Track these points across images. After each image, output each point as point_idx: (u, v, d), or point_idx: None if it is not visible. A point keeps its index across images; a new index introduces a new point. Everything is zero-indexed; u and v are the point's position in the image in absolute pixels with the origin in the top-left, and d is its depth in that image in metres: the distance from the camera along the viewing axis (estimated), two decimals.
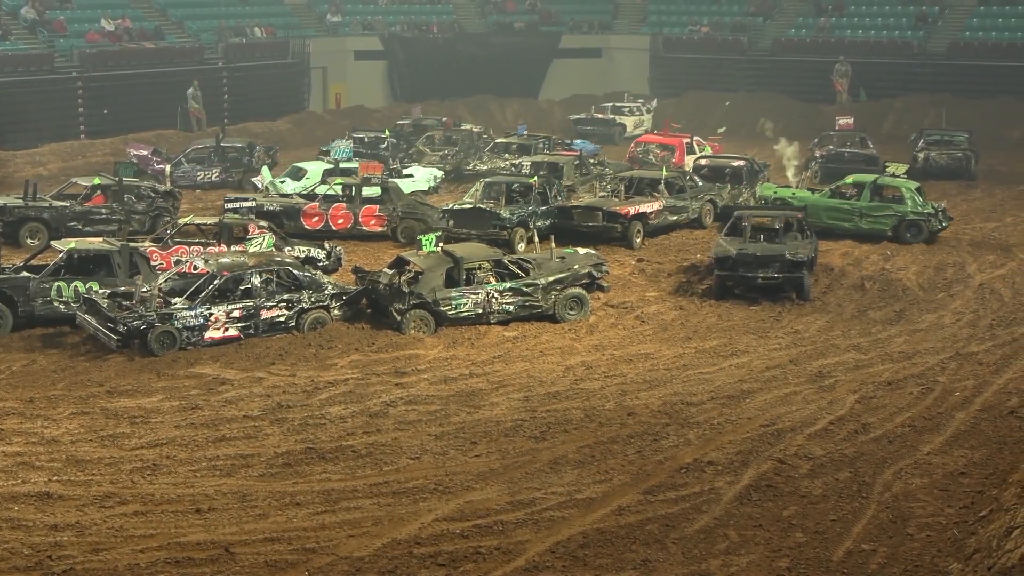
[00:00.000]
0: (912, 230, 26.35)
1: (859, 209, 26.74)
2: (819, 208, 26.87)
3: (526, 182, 27.13)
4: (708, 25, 52.05)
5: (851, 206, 26.82)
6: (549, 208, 26.38)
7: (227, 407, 16.25)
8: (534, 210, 26.03)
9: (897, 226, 26.45)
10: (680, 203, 27.91)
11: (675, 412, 16.02)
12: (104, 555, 11.87)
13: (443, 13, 53.79)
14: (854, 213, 26.73)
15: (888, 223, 26.54)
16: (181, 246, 22.31)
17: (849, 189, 27.46)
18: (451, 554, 11.97)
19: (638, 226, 26.56)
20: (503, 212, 25.60)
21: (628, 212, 26.39)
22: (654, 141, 34.88)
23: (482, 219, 25.48)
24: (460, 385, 17.24)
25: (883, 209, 26.67)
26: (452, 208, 26.38)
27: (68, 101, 39.57)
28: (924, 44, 47.94)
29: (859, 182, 27.41)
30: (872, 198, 26.84)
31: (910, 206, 26.49)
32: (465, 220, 25.59)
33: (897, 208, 26.55)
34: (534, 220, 25.58)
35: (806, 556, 12.00)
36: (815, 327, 20.47)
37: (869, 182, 27.13)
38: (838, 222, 26.86)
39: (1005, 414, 15.89)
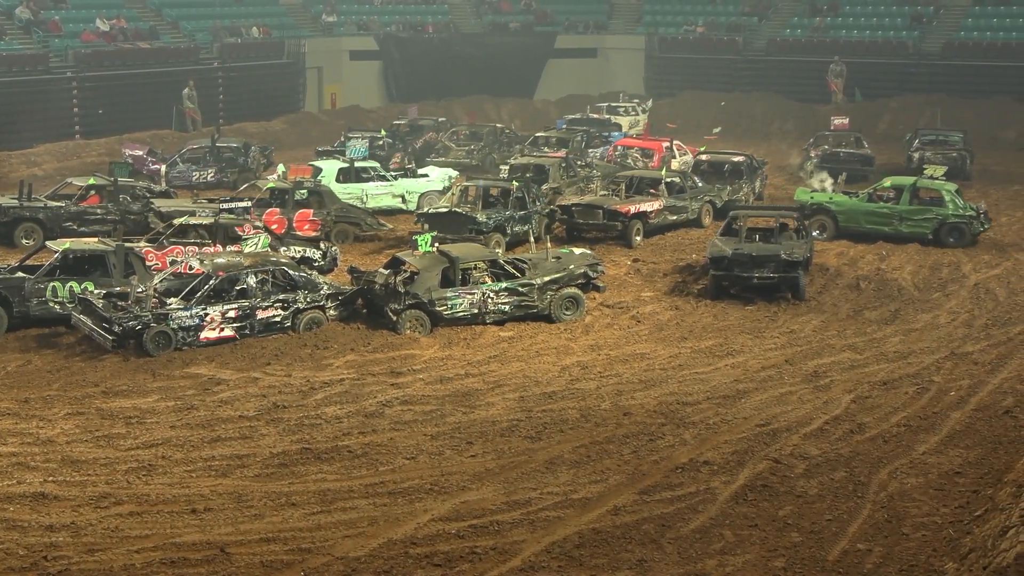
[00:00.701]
0: (954, 234, 25.88)
1: (899, 213, 26.20)
2: (858, 212, 26.52)
3: (504, 186, 26.62)
4: (703, 25, 52.07)
5: (890, 210, 26.30)
6: (528, 213, 25.89)
7: (223, 407, 16.24)
8: (511, 215, 25.57)
9: (938, 229, 25.96)
10: (680, 203, 27.99)
11: (671, 412, 16.03)
12: (100, 556, 11.86)
13: (438, 13, 53.79)
14: (894, 217, 26.21)
15: (929, 226, 26.04)
16: (176, 246, 22.28)
17: (887, 192, 26.96)
18: (447, 554, 11.97)
19: (638, 225, 26.75)
20: (479, 216, 25.09)
21: (628, 211, 26.59)
22: (634, 145, 34.50)
23: (458, 223, 24.84)
24: (456, 385, 17.24)
25: (923, 212, 26.15)
26: (428, 212, 25.92)
27: (63, 101, 39.51)
28: (919, 44, 47.97)
29: (897, 185, 26.91)
30: (911, 201, 26.33)
31: (951, 208, 26.02)
32: (441, 224, 24.76)
33: (938, 211, 26.09)
34: (511, 225, 25.30)
35: (802, 556, 12.01)
36: (811, 327, 20.49)
37: (908, 185, 26.65)
38: (877, 226, 26.38)
39: (1000, 414, 15.91)
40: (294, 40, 47.72)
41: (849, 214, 26.52)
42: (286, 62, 47.12)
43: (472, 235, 24.28)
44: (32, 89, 38.36)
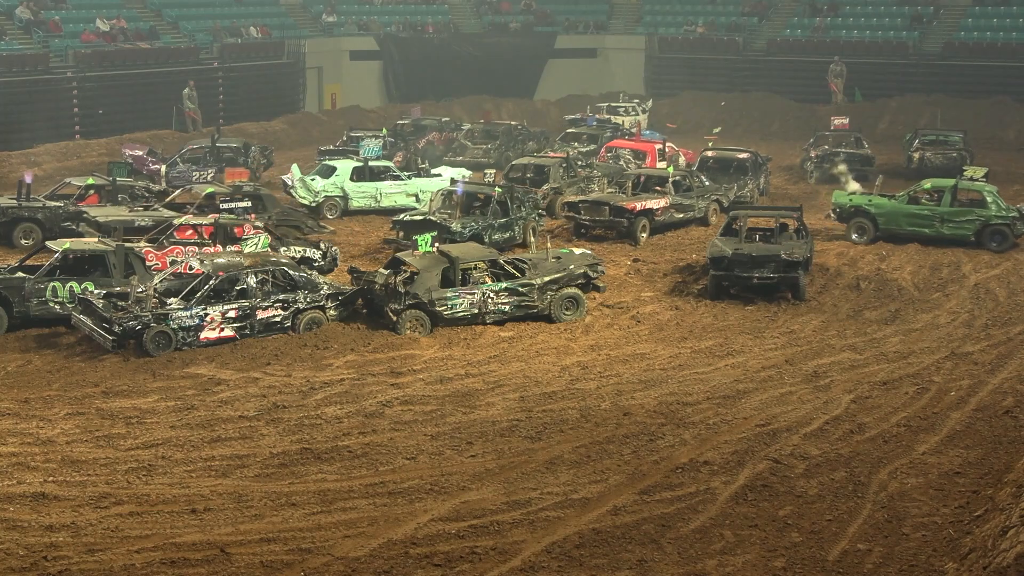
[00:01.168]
0: (996, 237, 25.62)
1: (940, 215, 25.93)
2: (899, 215, 26.27)
3: (487, 192, 25.99)
4: (703, 25, 52.07)
5: (932, 212, 25.99)
6: (509, 220, 25.34)
7: (223, 407, 16.24)
8: (491, 223, 24.94)
9: (980, 231, 25.73)
10: (686, 201, 28.18)
11: (671, 412, 16.03)
12: (100, 556, 11.86)
13: (438, 13, 53.80)
14: (935, 219, 25.92)
15: (971, 228, 25.77)
16: (176, 246, 22.28)
17: (927, 194, 26.64)
18: (447, 554, 11.97)
19: (643, 222, 26.97)
20: (454, 225, 24.42)
21: (635, 208, 26.84)
22: (625, 147, 34.37)
23: (429, 230, 23.37)
24: (456, 385, 17.24)
25: (965, 214, 25.86)
26: (402, 219, 25.28)
27: (63, 101, 39.50)
28: (919, 44, 47.99)
29: (938, 187, 26.60)
30: (952, 203, 26.06)
31: (993, 210, 25.77)
32: (415, 232, 23.53)
33: (980, 212, 25.84)
34: (490, 233, 24.66)
35: (802, 556, 12.01)
36: (811, 327, 20.50)
37: (949, 186, 26.36)
38: (918, 228, 26.12)
39: (1000, 414, 15.91)
40: (294, 40, 47.73)
41: (890, 216, 26.26)
42: (286, 62, 47.14)
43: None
44: (32, 89, 38.34)
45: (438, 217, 24.97)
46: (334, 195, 29.32)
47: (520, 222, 25.69)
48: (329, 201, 29.19)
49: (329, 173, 29.82)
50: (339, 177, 29.46)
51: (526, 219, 25.91)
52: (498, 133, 38.28)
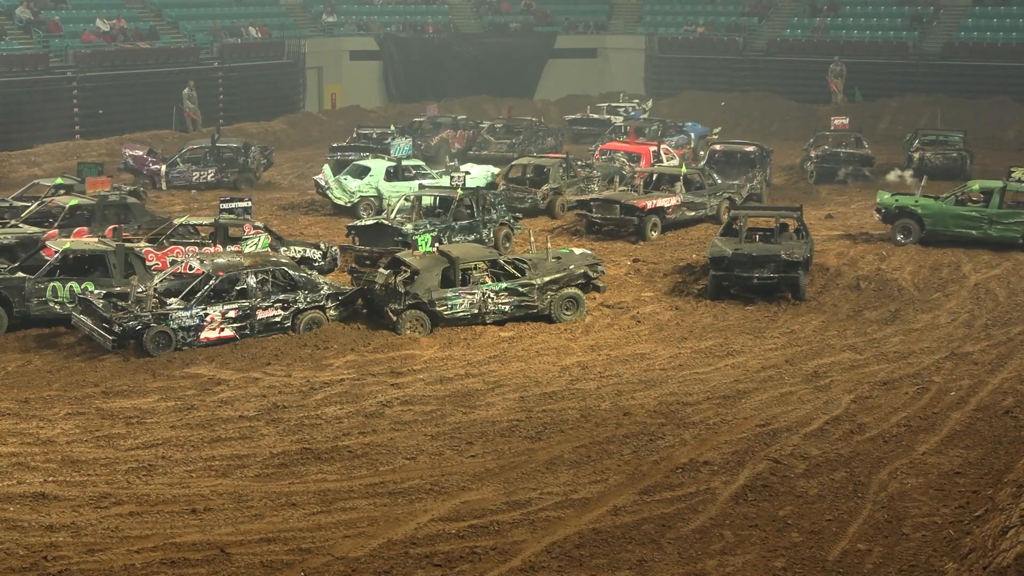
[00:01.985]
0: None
1: (988, 216, 25.60)
2: (946, 216, 25.92)
3: (448, 195, 25.56)
4: (703, 25, 52.09)
5: (980, 213, 25.65)
6: (474, 223, 24.89)
7: (223, 407, 16.24)
8: (451, 225, 24.43)
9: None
10: (698, 199, 28.41)
11: (671, 412, 16.03)
12: (100, 556, 11.86)
13: (438, 13, 53.81)
14: (983, 220, 25.59)
15: (1020, 230, 25.38)
16: (176, 246, 22.28)
17: (975, 195, 26.32)
18: (447, 554, 11.97)
19: (654, 219, 27.23)
20: (405, 228, 23.74)
21: (645, 205, 27.15)
22: (620, 148, 34.39)
23: (384, 235, 23.65)
24: (456, 385, 17.24)
25: (1015, 216, 25.54)
26: (357, 224, 24.59)
27: (63, 101, 39.51)
28: (919, 44, 48.00)
29: (986, 188, 26.30)
30: (1001, 204, 25.75)
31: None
32: (368, 237, 23.80)
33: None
34: (449, 236, 23.91)
35: (802, 556, 12.01)
36: (811, 327, 20.50)
37: (997, 188, 26.00)
38: (966, 230, 25.77)
39: (1000, 414, 15.91)
40: (294, 40, 47.75)
41: (937, 217, 25.93)
42: (286, 62, 47.16)
43: (398, 247, 22.65)
44: (32, 89, 38.38)
45: (393, 221, 24.31)
46: (369, 195, 29.35)
47: (490, 225, 25.25)
48: (364, 201, 29.19)
49: (363, 173, 29.83)
50: (373, 177, 29.54)
51: (496, 223, 25.44)
52: (520, 129, 38.78)
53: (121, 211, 24.41)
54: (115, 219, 23.97)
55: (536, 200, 29.40)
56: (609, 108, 44.45)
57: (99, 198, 24.47)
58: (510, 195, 29.43)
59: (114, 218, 24.07)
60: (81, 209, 24.20)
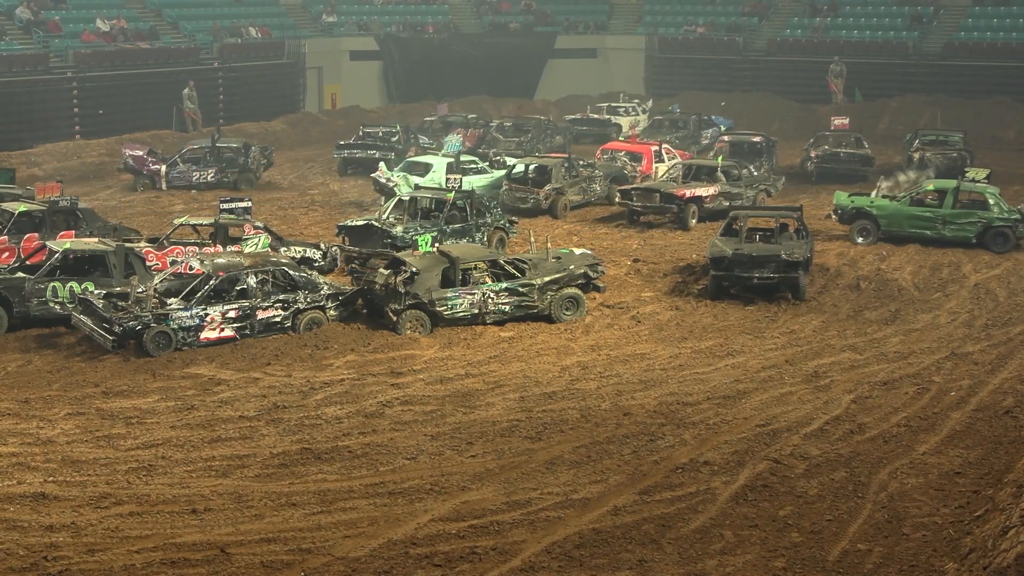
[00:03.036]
0: (999, 239, 25.53)
1: (942, 216, 25.83)
2: (901, 216, 26.16)
3: (440, 197, 25.24)
4: (703, 25, 52.08)
5: (934, 213, 25.87)
6: (466, 226, 24.70)
7: (223, 408, 16.24)
8: (442, 228, 24.13)
9: (982, 233, 25.63)
10: (735, 190, 29.13)
11: (671, 412, 16.03)
12: (100, 556, 11.86)
13: (438, 13, 53.80)
14: (937, 220, 25.82)
15: (973, 230, 25.66)
16: (176, 247, 22.28)
17: (930, 196, 26.55)
18: (447, 554, 11.97)
19: (693, 208, 28.33)
20: (396, 230, 23.68)
21: (684, 194, 28.24)
22: (621, 148, 34.45)
23: (373, 237, 23.64)
24: (456, 385, 17.24)
25: (967, 216, 25.76)
26: (347, 224, 24.45)
27: (63, 101, 39.51)
28: (919, 44, 47.99)
29: (941, 188, 26.53)
30: (955, 205, 25.96)
31: (996, 212, 25.69)
32: (357, 237, 23.79)
33: (982, 214, 25.76)
34: (440, 239, 23.29)
35: (802, 556, 12.01)
36: (811, 327, 20.49)
37: (951, 188, 26.24)
38: (920, 230, 25.99)
39: (1000, 414, 15.91)
40: (294, 40, 47.74)
41: (892, 218, 26.19)
42: (286, 62, 47.14)
43: (388, 249, 22.61)
44: (32, 89, 38.38)
45: (383, 222, 24.17)
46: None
47: (483, 229, 25.15)
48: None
49: (425, 171, 30.12)
50: (436, 173, 29.91)
51: (490, 226, 25.32)
52: (529, 127, 39.11)
53: (71, 217, 23.66)
54: (64, 225, 23.30)
55: (538, 200, 29.42)
56: (609, 108, 44.44)
57: (49, 204, 23.71)
58: (512, 195, 29.49)
59: (63, 224, 23.34)
60: (30, 215, 23.28)
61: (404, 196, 25.86)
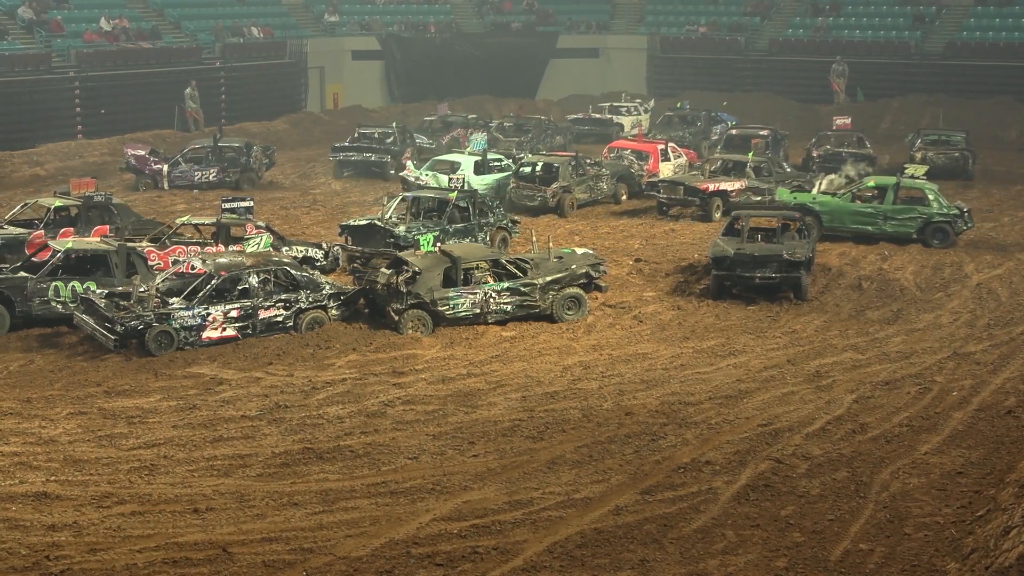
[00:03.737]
0: (939, 235, 25.84)
1: (883, 212, 26.14)
2: (843, 212, 26.44)
3: (443, 197, 25.27)
4: (705, 25, 52.07)
5: (875, 209, 26.17)
6: (469, 225, 24.72)
7: (225, 407, 16.25)
8: (444, 227, 24.16)
9: (923, 228, 25.93)
10: (764, 185, 29.74)
11: (673, 412, 16.03)
12: (102, 555, 11.87)
13: (440, 13, 53.80)
14: (878, 216, 26.10)
15: (913, 226, 25.99)
16: (178, 246, 22.29)
17: (870, 192, 26.91)
18: (449, 554, 11.97)
19: (717, 202, 29.17)
20: (398, 229, 23.69)
21: (707, 188, 29.16)
22: (628, 147, 34.52)
23: (375, 236, 23.65)
24: (458, 385, 17.24)
25: (908, 212, 26.12)
26: (350, 224, 24.47)
27: (65, 101, 39.54)
28: (921, 44, 47.97)
29: (881, 185, 26.91)
30: (895, 200, 26.28)
31: (935, 207, 26.02)
32: (360, 237, 23.81)
33: (922, 210, 26.08)
34: (443, 238, 23.34)
35: (804, 556, 12.00)
36: (812, 327, 20.49)
37: (891, 184, 26.59)
38: (861, 226, 26.31)
39: (1002, 414, 15.90)
40: (296, 40, 47.76)
41: (834, 214, 26.46)
42: (288, 62, 47.17)
43: (391, 248, 22.81)
44: (34, 89, 38.42)
45: (386, 222, 24.14)
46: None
47: (486, 228, 25.16)
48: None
49: (453, 169, 30.27)
50: (464, 171, 30.16)
51: (492, 226, 25.34)
52: (529, 127, 39.20)
53: (106, 212, 24.14)
54: (100, 220, 23.79)
55: (546, 198, 29.52)
56: (611, 108, 44.44)
57: (84, 199, 24.24)
58: (520, 193, 29.68)
59: (99, 219, 23.85)
60: (66, 210, 24.01)
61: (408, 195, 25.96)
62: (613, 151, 34.22)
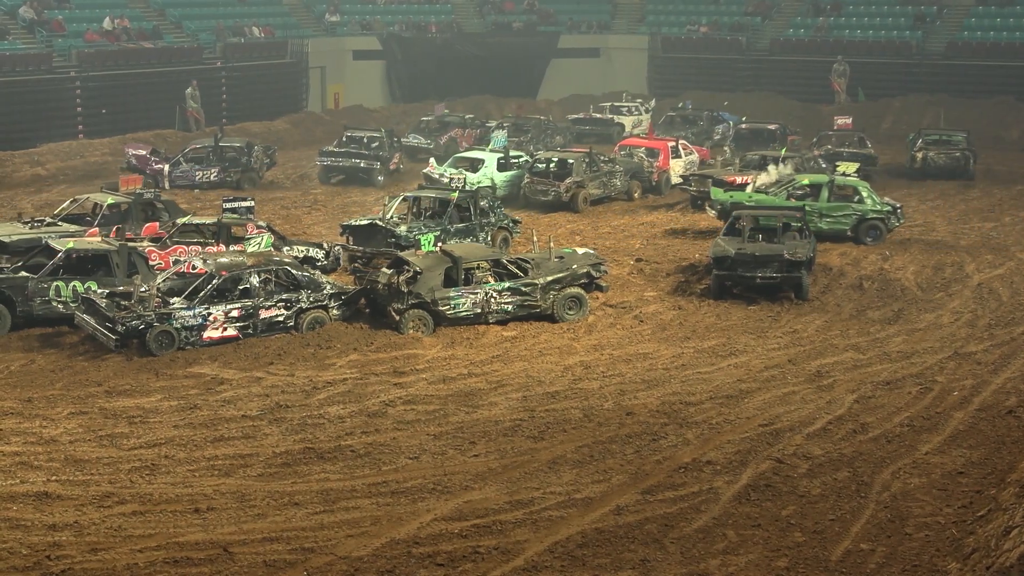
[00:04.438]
0: (872, 232, 26.16)
1: (819, 210, 26.25)
2: None
3: (444, 197, 25.37)
4: (706, 25, 52.05)
5: (811, 207, 26.16)
6: (471, 225, 24.79)
7: (225, 407, 16.25)
8: (446, 227, 24.22)
9: (857, 226, 26.22)
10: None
11: (673, 412, 16.03)
12: (102, 555, 11.87)
13: (441, 13, 53.78)
14: (814, 214, 26.10)
15: (848, 223, 26.26)
16: (179, 246, 22.29)
17: (802, 190, 26.96)
18: (449, 554, 11.97)
19: None
20: (399, 229, 23.75)
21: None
22: (639, 144, 34.78)
23: (377, 236, 23.72)
24: (459, 385, 17.24)
25: (843, 209, 26.37)
26: (351, 224, 24.47)
27: (66, 101, 39.53)
28: (922, 44, 47.94)
29: (815, 182, 27.09)
30: (830, 198, 26.47)
31: (869, 204, 26.35)
32: (362, 237, 23.88)
33: (857, 207, 26.34)
34: (445, 239, 23.39)
35: (804, 555, 12.00)
36: (813, 327, 20.48)
37: (826, 182, 26.83)
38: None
39: (1003, 414, 15.90)
40: (297, 40, 47.74)
41: None
42: (289, 62, 47.14)
43: (392, 248, 22.86)
44: (35, 89, 38.41)
45: (387, 222, 24.16)
46: (485, 184, 30.07)
47: (487, 228, 25.19)
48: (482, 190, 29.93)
49: (477, 166, 31.20)
50: (488, 168, 31.00)
51: (494, 225, 25.37)
52: (528, 127, 39.23)
53: (155, 209, 24.76)
54: (150, 217, 24.34)
55: (559, 193, 29.66)
56: (612, 108, 44.43)
57: (135, 195, 24.95)
58: (534, 188, 30.00)
59: (149, 216, 24.41)
60: (117, 207, 24.51)
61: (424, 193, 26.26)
62: (624, 148, 34.55)
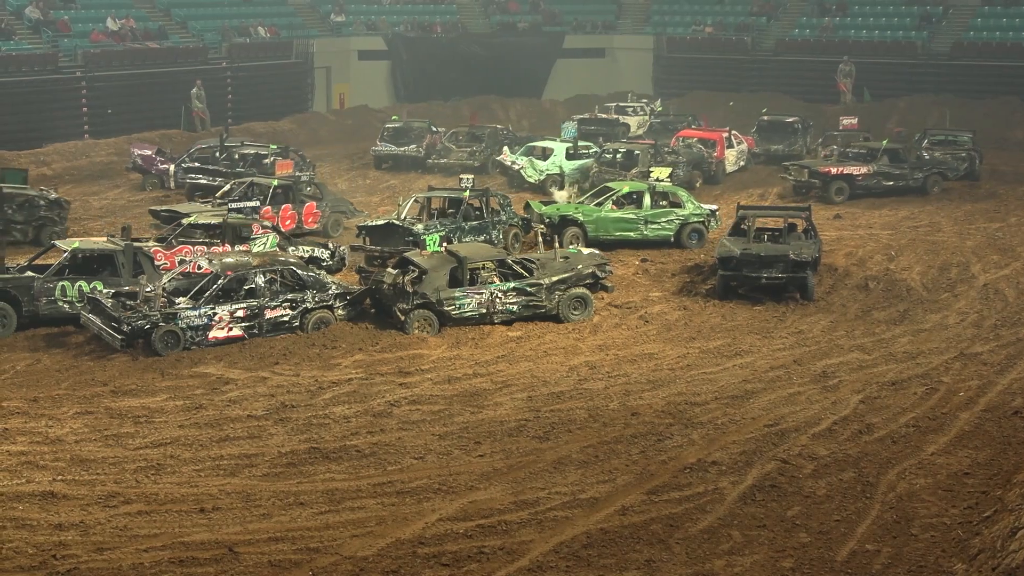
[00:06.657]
0: (694, 236, 26.22)
1: (644, 217, 26.19)
2: (607, 221, 26.09)
3: (457, 197, 25.64)
4: (712, 25, 51.99)
5: (636, 215, 26.15)
6: (483, 223, 25.05)
7: (231, 407, 16.27)
8: (460, 226, 24.56)
9: (679, 231, 26.22)
10: (896, 171, 32.15)
11: (679, 412, 16.02)
12: (108, 555, 11.89)
13: (447, 13, 53.76)
14: (640, 222, 26.11)
15: (672, 228, 26.21)
16: (185, 246, 22.32)
17: (623, 199, 26.72)
18: (455, 554, 11.97)
19: (839, 185, 31.41)
20: (416, 228, 23.93)
21: (830, 171, 31.40)
22: (695, 136, 35.92)
23: (394, 235, 23.87)
24: (464, 385, 17.24)
25: (666, 215, 26.31)
26: (367, 224, 24.71)
27: (72, 101, 39.57)
28: (928, 44, 47.85)
29: (637, 190, 26.83)
30: (654, 205, 26.43)
31: (690, 209, 26.44)
32: (379, 236, 24.06)
33: (679, 212, 26.36)
34: (458, 237, 23.95)
35: (810, 556, 11.99)
36: (819, 327, 20.47)
37: (647, 189, 26.68)
38: (625, 232, 26.10)
39: (1009, 414, 15.88)
40: (302, 40, 47.75)
41: (598, 223, 26.05)
42: (294, 62, 47.15)
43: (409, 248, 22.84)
44: (41, 89, 38.44)
45: (404, 221, 24.28)
46: (554, 173, 32.68)
47: (500, 227, 25.30)
48: (551, 178, 32.53)
49: (548, 154, 33.24)
50: (556, 157, 33.05)
51: (506, 224, 25.47)
52: (483, 136, 37.82)
53: (314, 191, 27.83)
54: (311, 198, 27.24)
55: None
56: (617, 108, 44.39)
57: (294, 179, 28.11)
58: (602, 177, 30.88)
59: (309, 196, 27.33)
60: (282, 188, 27.07)
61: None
62: (682, 139, 35.58)
